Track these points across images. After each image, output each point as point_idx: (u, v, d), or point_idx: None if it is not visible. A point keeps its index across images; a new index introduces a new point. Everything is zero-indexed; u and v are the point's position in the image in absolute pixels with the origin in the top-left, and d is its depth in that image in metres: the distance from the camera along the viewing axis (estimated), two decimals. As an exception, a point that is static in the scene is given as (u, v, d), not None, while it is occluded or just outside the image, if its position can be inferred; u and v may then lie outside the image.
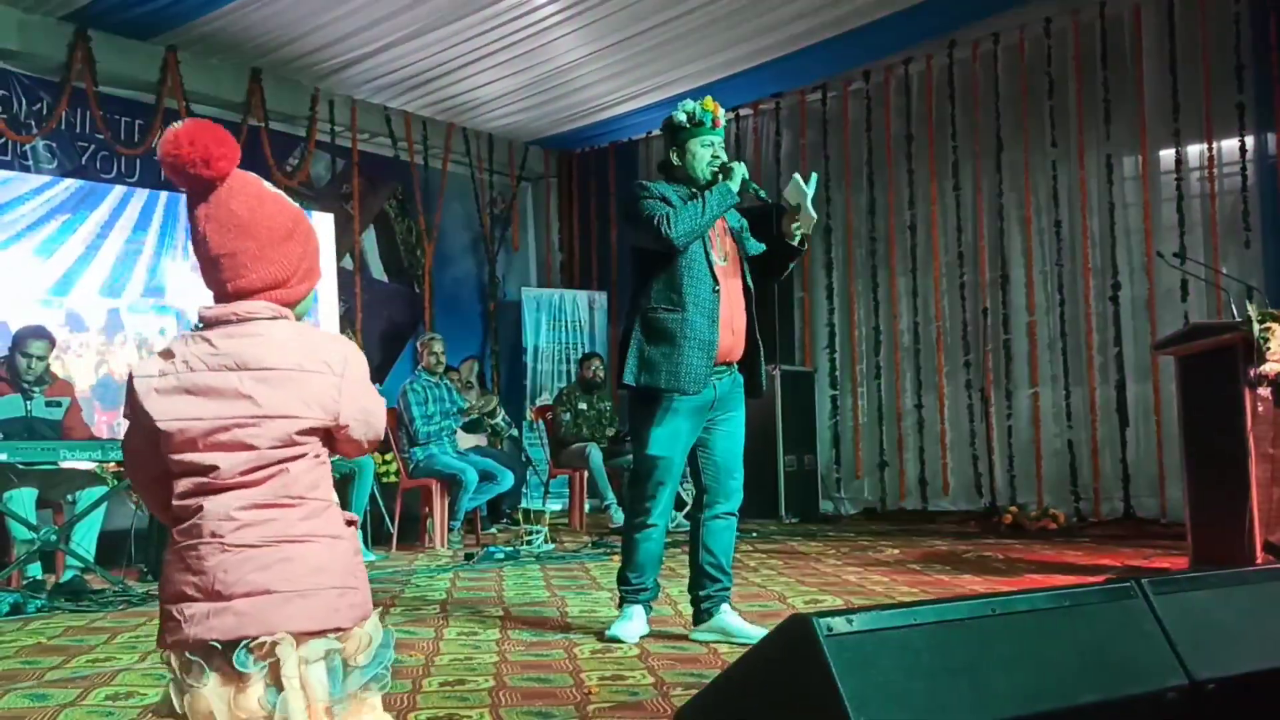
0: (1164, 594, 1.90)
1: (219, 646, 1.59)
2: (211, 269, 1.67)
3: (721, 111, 3.73)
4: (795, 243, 3.70)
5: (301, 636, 1.61)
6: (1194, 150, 7.10)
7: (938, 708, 1.64)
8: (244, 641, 1.59)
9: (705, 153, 3.68)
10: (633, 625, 3.70)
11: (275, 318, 1.68)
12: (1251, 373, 4.46)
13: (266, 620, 1.60)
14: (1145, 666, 1.81)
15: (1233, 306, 4.78)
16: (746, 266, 3.79)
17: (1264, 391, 4.51)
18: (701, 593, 3.72)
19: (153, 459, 1.66)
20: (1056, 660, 1.77)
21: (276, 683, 1.59)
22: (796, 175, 3.65)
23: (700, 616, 3.74)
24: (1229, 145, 6.95)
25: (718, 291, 3.63)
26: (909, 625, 1.70)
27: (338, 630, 1.64)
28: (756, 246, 3.87)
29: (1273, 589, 2.05)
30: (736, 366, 3.74)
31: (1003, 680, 1.71)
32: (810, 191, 3.59)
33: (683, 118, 3.69)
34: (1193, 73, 7.04)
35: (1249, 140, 6.86)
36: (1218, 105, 6.94)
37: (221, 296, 1.68)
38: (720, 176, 3.64)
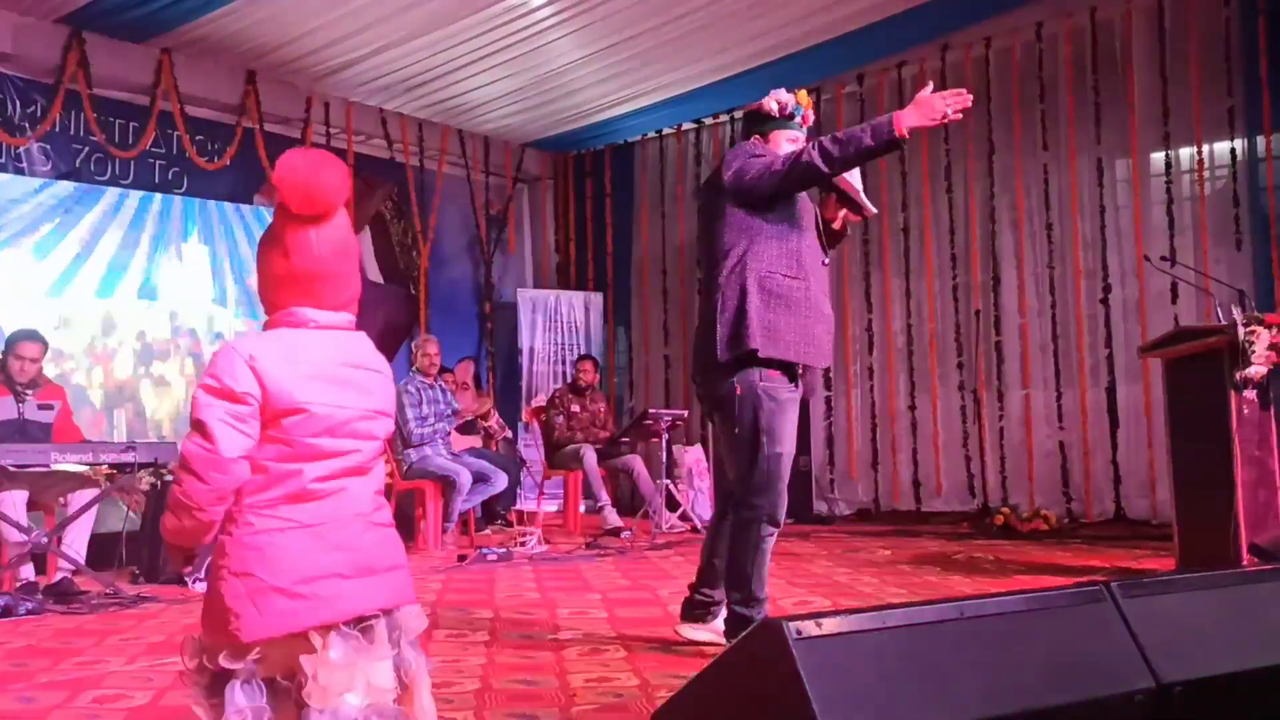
0: (1133, 597, 1.92)
1: (378, 619, 1.73)
2: (311, 283, 1.77)
3: (811, 109, 3.58)
4: (837, 227, 3.56)
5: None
6: (1184, 153, 7.13)
7: (905, 710, 1.66)
8: (388, 613, 1.76)
9: (791, 148, 3.44)
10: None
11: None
12: (1237, 375, 4.48)
13: (405, 592, 1.80)
14: (1113, 669, 1.84)
15: (1219, 310, 4.80)
16: None
17: (1249, 394, 4.53)
18: (716, 593, 3.59)
19: (257, 436, 1.72)
20: (1024, 663, 1.79)
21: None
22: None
23: (703, 615, 3.63)
24: (1219, 148, 6.98)
25: (827, 265, 3.48)
26: (878, 628, 1.73)
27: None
28: None
29: (1241, 592, 2.08)
30: None
31: (970, 682, 1.73)
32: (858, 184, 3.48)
33: (774, 107, 3.49)
34: (1183, 76, 7.06)
35: (1239, 144, 6.88)
36: (1208, 109, 6.96)
37: (308, 305, 1.78)
38: None
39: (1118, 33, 7.38)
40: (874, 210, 3.58)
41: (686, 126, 9.47)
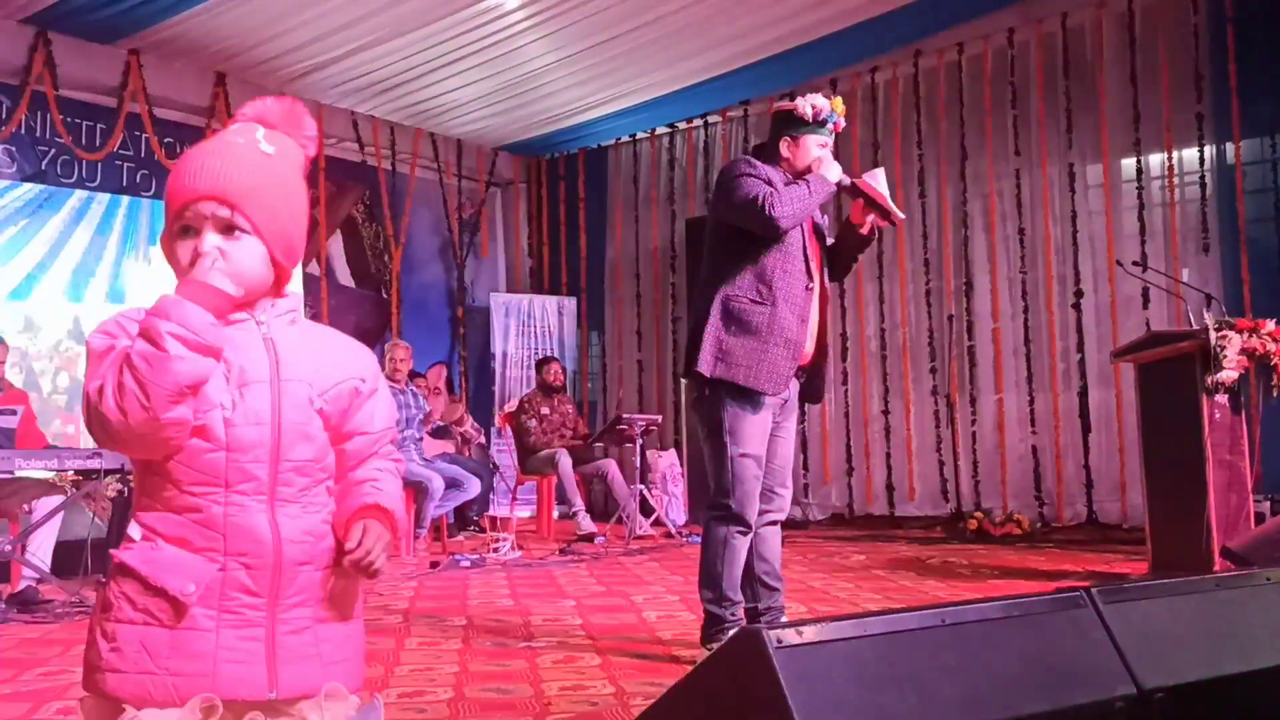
0: (1113, 603, 1.91)
1: None
2: None
3: (843, 116, 3.58)
4: (865, 232, 3.52)
5: None
6: (1155, 159, 7.19)
7: (886, 718, 1.64)
8: None
9: (820, 154, 3.50)
10: None
11: None
12: (1208, 380, 4.51)
13: None
14: (1094, 675, 1.82)
15: (1190, 315, 4.83)
16: (825, 266, 3.65)
17: (1221, 398, 4.57)
18: (761, 605, 3.52)
19: None
20: (1005, 670, 1.77)
21: None
22: (880, 170, 3.53)
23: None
24: (1189, 155, 7.05)
25: (811, 289, 3.45)
26: (858, 636, 1.70)
27: None
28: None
29: (1222, 597, 2.07)
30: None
31: (952, 690, 1.71)
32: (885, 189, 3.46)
33: (809, 111, 3.47)
34: (1153, 83, 7.13)
35: (1208, 150, 6.95)
36: (1177, 115, 7.03)
37: None
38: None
39: (1088, 39, 7.44)
40: (902, 215, 3.57)
41: (660, 131, 9.46)
